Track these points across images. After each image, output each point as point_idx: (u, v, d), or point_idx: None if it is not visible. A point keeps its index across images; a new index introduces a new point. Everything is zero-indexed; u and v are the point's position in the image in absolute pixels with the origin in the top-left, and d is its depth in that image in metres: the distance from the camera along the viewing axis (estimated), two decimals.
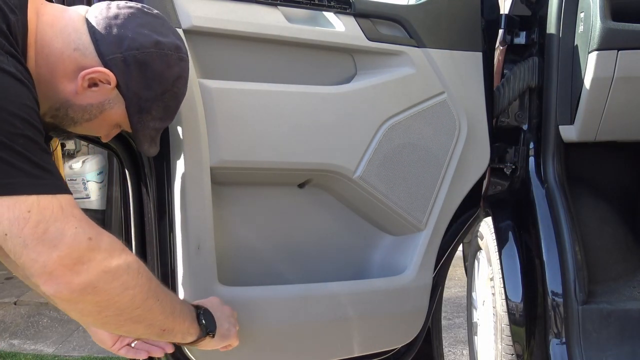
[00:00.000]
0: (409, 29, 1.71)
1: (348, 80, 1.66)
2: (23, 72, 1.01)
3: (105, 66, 1.11)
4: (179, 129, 1.40)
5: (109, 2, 1.18)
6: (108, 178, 5.80)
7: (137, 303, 1.08)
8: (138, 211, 1.52)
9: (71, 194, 1.04)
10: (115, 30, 1.12)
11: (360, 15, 1.65)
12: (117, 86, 1.13)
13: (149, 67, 1.14)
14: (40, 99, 1.11)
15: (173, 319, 1.18)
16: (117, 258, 1.05)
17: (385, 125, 1.65)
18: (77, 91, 1.12)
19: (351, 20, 1.63)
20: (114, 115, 1.17)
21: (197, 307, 1.28)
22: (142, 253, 1.54)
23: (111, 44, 1.11)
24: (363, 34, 1.64)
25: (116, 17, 1.13)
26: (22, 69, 1.01)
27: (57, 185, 1.01)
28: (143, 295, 1.09)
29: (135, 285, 1.07)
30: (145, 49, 1.13)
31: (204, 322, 1.26)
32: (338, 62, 1.65)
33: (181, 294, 1.43)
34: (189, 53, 1.31)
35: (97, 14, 1.14)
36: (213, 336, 1.28)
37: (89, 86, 1.12)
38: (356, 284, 1.66)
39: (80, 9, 1.16)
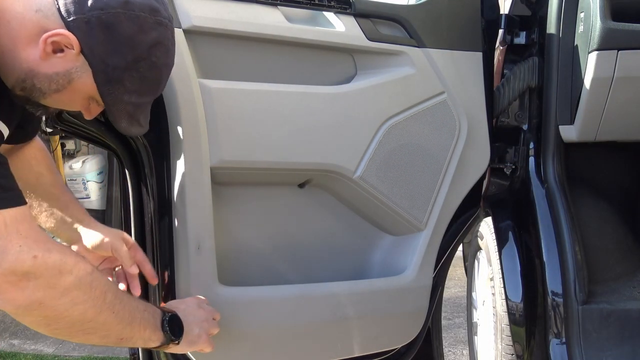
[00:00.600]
0: (409, 29, 1.71)
1: (348, 80, 1.66)
2: None
3: (68, 29, 1.00)
4: (179, 129, 1.40)
5: None
6: (108, 178, 5.80)
7: (89, 317, 1.07)
8: (138, 211, 1.52)
9: (24, 204, 1.00)
10: None
11: (360, 15, 1.65)
12: (82, 52, 1.02)
13: (116, 29, 1.01)
14: (6, 72, 1.05)
15: (131, 329, 1.15)
16: (66, 274, 1.03)
17: (385, 125, 1.65)
18: (41, 57, 1.02)
19: (351, 20, 1.63)
20: (83, 85, 1.05)
21: (165, 313, 1.24)
22: None
23: (73, 4, 1.00)
24: (363, 34, 1.64)
25: None
26: None
27: (3, 199, 0.97)
28: (96, 309, 1.07)
29: (87, 299, 1.06)
30: (111, 8, 1.00)
31: (168, 329, 1.22)
32: (338, 62, 1.65)
33: (181, 294, 1.43)
34: (189, 53, 1.31)
35: None
36: (178, 343, 1.24)
37: (54, 52, 1.02)
38: (356, 284, 1.66)
39: None
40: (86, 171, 5.69)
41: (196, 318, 1.29)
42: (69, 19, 1.01)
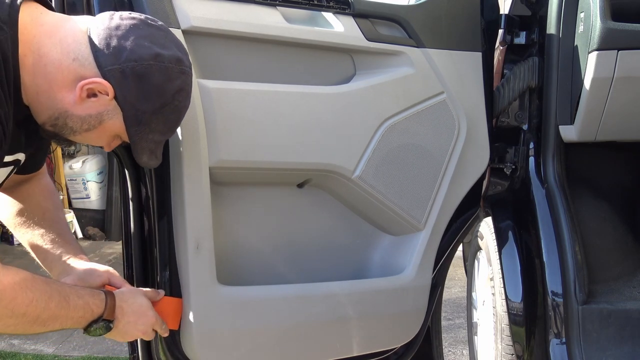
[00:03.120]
0: (408, 29, 1.71)
1: (347, 80, 1.66)
2: None
3: (104, 77, 1.11)
4: (178, 129, 1.40)
5: (113, 12, 1.18)
6: (108, 178, 5.81)
7: (21, 330, 1.14)
8: (138, 211, 1.52)
9: None
10: (115, 42, 1.11)
11: (359, 15, 1.65)
12: (115, 97, 1.13)
13: (148, 79, 1.12)
14: (39, 109, 1.14)
15: (61, 324, 1.19)
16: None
17: (384, 125, 1.65)
18: (76, 101, 1.12)
19: (350, 20, 1.63)
20: (112, 126, 1.17)
21: (99, 319, 1.24)
22: (141, 253, 1.54)
23: (110, 55, 1.11)
24: (362, 34, 1.64)
25: (117, 27, 1.12)
26: None
27: None
28: (26, 328, 1.13)
29: (18, 323, 1.11)
30: (144, 61, 1.12)
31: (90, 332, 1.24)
32: (337, 62, 1.65)
33: (181, 293, 1.43)
34: (187, 50, 1.30)
35: (99, 25, 1.13)
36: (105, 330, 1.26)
37: (88, 96, 1.12)
38: (355, 284, 1.66)
39: (84, 19, 1.16)
40: (86, 171, 5.69)
41: (136, 324, 1.30)
42: (105, 69, 1.11)
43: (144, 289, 1.39)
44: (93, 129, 1.16)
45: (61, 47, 1.11)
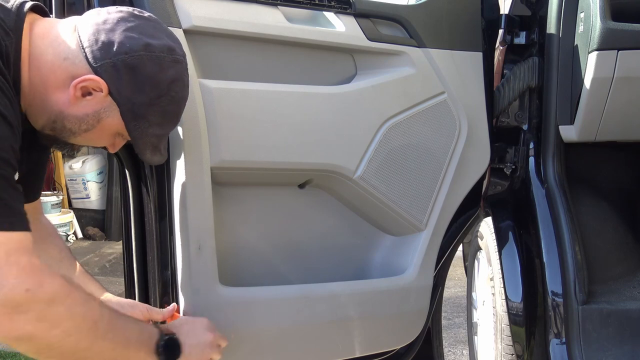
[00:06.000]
0: (409, 29, 1.71)
1: (348, 80, 1.66)
2: (6, 103, 1.01)
3: (96, 73, 1.10)
4: (179, 129, 1.40)
5: (100, 8, 1.17)
6: (108, 178, 5.80)
7: (83, 346, 1.07)
8: (138, 211, 1.52)
9: (29, 230, 1.02)
10: (103, 36, 1.10)
11: (360, 15, 1.65)
12: (110, 93, 1.12)
13: (140, 70, 1.11)
14: (36, 113, 1.13)
15: (127, 353, 1.15)
16: (58, 306, 1.03)
17: (385, 125, 1.65)
18: (71, 101, 1.11)
19: (351, 20, 1.63)
20: (111, 123, 1.15)
21: (162, 335, 1.22)
22: (142, 253, 1.54)
23: (100, 50, 1.10)
24: (363, 34, 1.64)
25: (105, 22, 1.12)
26: (5, 100, 1.01)
27: (11, 222, 0.99)
28: (89, 339, 1.08)
29: (80, 330, 1.06)
30: (134, 52, 1.10)
31: (162, 352, 1.19)
32: (338, 62, 1.65)
33: (182, 294, 1.43)
34: (189, 53, 1.30)
35: (86, 22, 1.13)
36: None
37: (83, 95, 1.11)
38: (357, 285, 1.66)
39: (72, 19, 1.15)
40: (86, 171, 5.69)
41: (199, 341, 1.28)
42: (96, 65, 1.10)
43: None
44: (92, 128, 1.15)
45: (52, 48, 1.10)
